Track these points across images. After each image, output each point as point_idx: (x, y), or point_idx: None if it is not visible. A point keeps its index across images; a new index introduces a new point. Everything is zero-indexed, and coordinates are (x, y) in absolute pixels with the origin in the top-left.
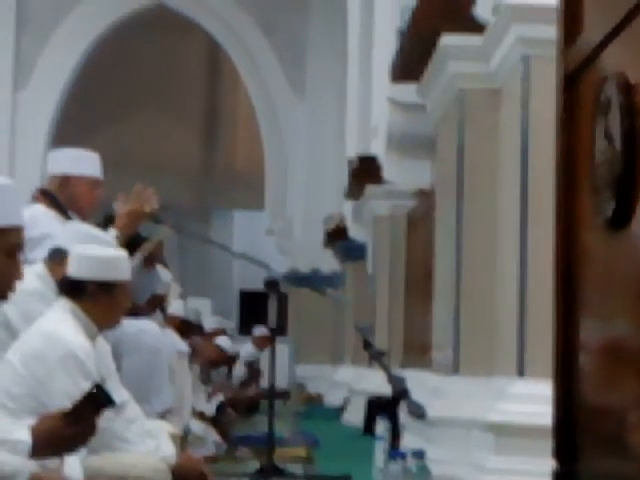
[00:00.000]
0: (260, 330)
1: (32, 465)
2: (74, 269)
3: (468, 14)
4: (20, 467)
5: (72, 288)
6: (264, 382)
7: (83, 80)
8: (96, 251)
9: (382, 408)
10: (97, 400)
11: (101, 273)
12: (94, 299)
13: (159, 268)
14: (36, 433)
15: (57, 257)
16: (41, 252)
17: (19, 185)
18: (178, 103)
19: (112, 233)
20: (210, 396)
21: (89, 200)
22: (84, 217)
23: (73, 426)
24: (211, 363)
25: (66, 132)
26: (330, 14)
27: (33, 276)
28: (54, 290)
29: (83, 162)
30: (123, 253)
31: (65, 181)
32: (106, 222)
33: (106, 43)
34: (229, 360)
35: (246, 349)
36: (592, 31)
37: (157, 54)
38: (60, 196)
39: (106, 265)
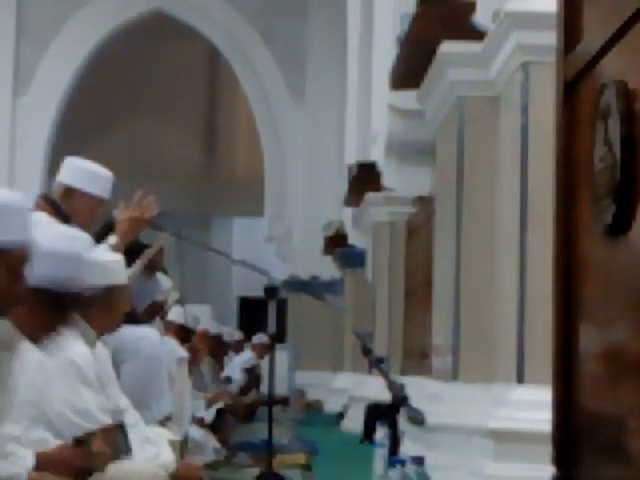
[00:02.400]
0: (260, 337)
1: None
2: None
3: (468, 21)
4: (17, 471)
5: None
6: (264, 388)
7: (83, 87)
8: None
9: (381, 415)
10: (115, 442)
11: (97, 278)
12: (91, 305)
13: (159, 275)
14: (43, 457)
15: None
16: None
17: (20, 191)
18: (178, 110)
19: (112, 240)
20: (209, 403)
21: (87, 218)
22: (83, 229)
23: (84, 459)
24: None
25: (66, 139)
26: (330, 21)
27: None
28: None
29: (93, 180)
30: (118, 257)
31: (68, 192)
32: (106, 229)
33: (106, 50)
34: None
35: (245, 356)
36: (592, 38)
37: (157, 61)
38: (62, 205)
39: (102, 270)
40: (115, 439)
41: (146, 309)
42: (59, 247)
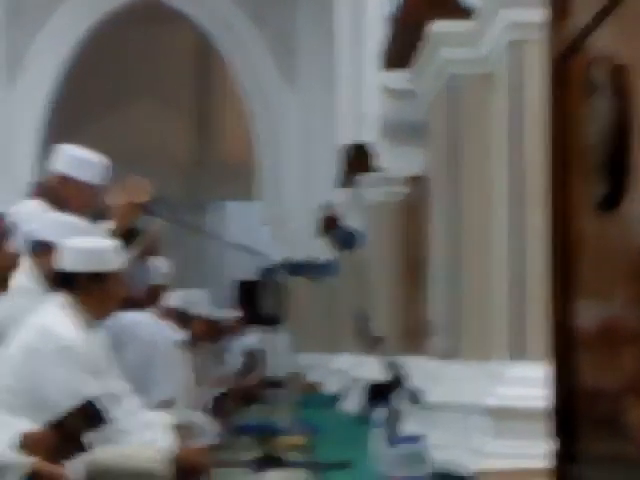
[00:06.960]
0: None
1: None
2: (65, 262)
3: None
4: (19, 458)
5: (64, 281)
6: (263, 371)
7: (74, 72)
8: (86, 243)
9: (380, 394)
10: (89, 417)
11: (92, 264)
12: (87, 291)
13: (159, 260)
14: (24, 443)
15: (40, 249)
16: None
17: (12, 179)
18: (169, 95)
19: (106, 225)
20: (210, 387)
21: (81, 205)
22: (77, 216)
23: (61, 441)
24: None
25: (58, 125)
26: (320, 3)
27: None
28: (40, 282)
29: (86, 167)
30: (113, 243)
31: (62, 180)
32: (96, 215)
33: (97, 35)
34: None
35: (245, 339)
36: (580, 13)
37: (147, 46)
38: (56, 192)
39: (96, 256)
40: (90, 413)
41: (147, 293)
42: None
